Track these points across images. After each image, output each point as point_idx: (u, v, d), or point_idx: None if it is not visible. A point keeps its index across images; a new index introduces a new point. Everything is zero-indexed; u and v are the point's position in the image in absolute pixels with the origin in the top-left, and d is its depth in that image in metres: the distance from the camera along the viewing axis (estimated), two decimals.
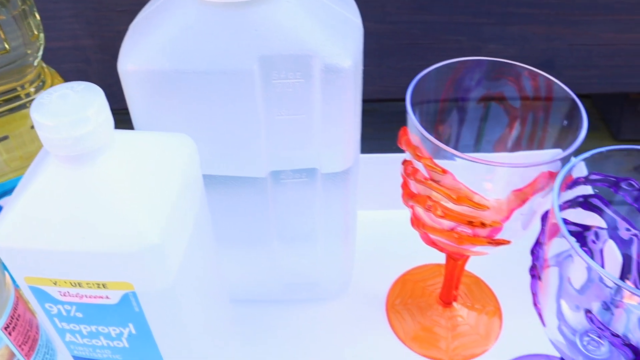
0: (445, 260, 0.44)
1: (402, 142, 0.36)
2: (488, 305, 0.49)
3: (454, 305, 0.48)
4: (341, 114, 0.36)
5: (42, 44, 0.40)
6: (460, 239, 0.36)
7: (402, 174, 0.38)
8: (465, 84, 0.39)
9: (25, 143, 0.41)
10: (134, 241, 0.27)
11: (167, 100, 0.35)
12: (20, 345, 0.37)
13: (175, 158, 0.32)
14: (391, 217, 0.51)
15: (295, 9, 0.33)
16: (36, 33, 0.40)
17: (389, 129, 0.38)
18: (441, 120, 0.40)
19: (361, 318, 0.48)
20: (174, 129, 0.34)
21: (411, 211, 0.39)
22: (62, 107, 0.27)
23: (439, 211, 0.35)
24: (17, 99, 0.40)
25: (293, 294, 0.48)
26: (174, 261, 0.30)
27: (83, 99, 0.27)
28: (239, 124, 0.36)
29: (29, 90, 0.40)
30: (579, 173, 0.32)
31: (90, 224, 0.27)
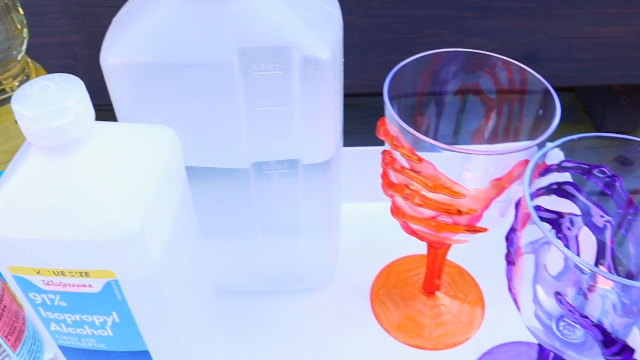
0: (426, 249, 0.45)
1: (380, 132, 0.37)
2: (471, 295, 0.50)
3: (437, 294, 0.49)
4: (321, 105, 0.36)
5: (25, 39, 0.41)
6: (438, 226, 0.37)
7: (381, 164, 0.39)
8: (442, 76, 0.39)
9: (11, 137, 0.41)
10: (114, 229, 0.28)
11: (149, 92, 0.36)
12: (6, 336, 0.38)
13: (157, 149, 0.32)
14: (375, 209, 0.51)
15: (274, 1, 0.34)
16: (19, 27, 0.40)
17: (375, 123, 0.38)
18: (420, 112, 0.41)
19: (346, 308, 0.49)
20: (156, 121, 0.35)
21: (391, 200, 0.40)
22: (42, 98, 0.27)
23: (417, 199, 0.36)
24: (1, 92, 0.40)
25: (278, 285, 0.49)
26: (155, 250, 0.30)
27: (63, 90, 0.27)
28: (219, 116, 0.36)
29: (13, 85, 0.41)
30: (553, 161, 0.33)
31: (71, 213, 0.28)
